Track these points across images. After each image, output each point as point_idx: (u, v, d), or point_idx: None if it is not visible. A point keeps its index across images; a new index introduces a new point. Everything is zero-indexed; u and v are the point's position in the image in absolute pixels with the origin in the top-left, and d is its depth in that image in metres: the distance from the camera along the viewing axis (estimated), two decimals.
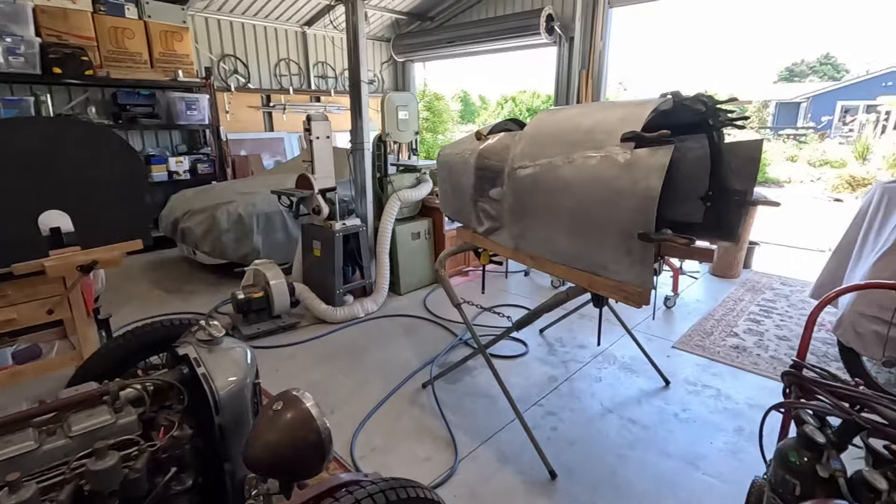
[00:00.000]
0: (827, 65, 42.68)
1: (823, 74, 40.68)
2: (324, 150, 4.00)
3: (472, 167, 2.75)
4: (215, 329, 1.55)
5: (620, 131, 1.91)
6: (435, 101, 13.77)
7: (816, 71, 42.14)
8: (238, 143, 7.40)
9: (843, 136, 20.68)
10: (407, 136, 4.57)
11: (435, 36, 8.09)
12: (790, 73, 43.44)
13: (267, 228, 4.90)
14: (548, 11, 6.56)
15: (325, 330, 3.90)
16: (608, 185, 1.90)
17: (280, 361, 3.42)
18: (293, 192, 3.99)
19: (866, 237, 3.15)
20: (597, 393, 3.01)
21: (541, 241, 2.32)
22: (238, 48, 7.31)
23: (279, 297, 3.83)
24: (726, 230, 2.52)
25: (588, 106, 2.24)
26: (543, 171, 2.19)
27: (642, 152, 1.80)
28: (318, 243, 4.13)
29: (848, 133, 21.41)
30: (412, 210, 4.85)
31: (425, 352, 3.53)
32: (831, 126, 23.60)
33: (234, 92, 7.18)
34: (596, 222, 1.98)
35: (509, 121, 2.93)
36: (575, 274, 2.20)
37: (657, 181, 1.73)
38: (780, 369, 3.23)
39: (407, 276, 4.69)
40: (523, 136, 2.41)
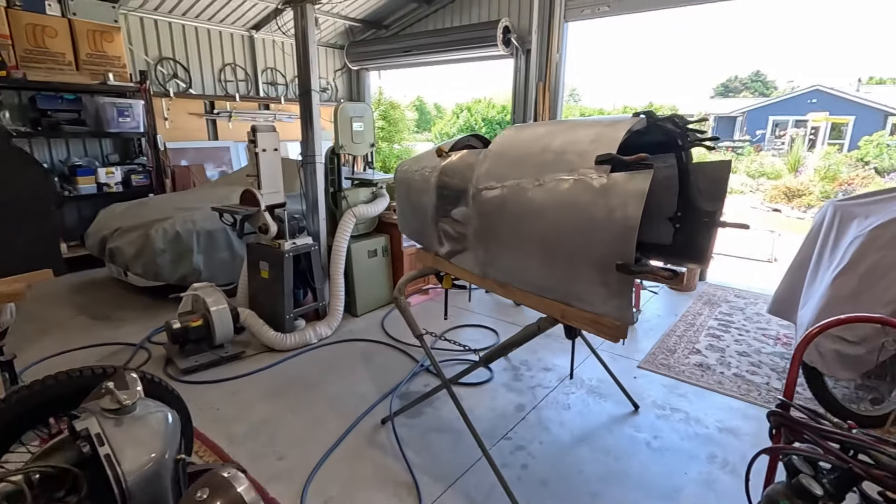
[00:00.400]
0: (758, 82, 45.72)
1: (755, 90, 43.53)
2: (271, 163, 3.70)
3: (433, 186, 2.57)
4: (126, 394, 1.26)
5: (594, 153, 1.78)
6: (391, 109, 13.54)
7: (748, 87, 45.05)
8: (179, 153, 6.89)
9: (775, 149, 22.08)
10: (362, 149, 4.34)
11: (390, 45, 7.89)
12: (725, 88, 46.22)
13: (209, 247, 4.51)
14: (504, 23, 6.52)
15: (273, 359, 3.57)
16: (582, 212, 1.75)
17: (222, 398, 3.08)
18: (237, 210, 3.65)
19: (821, 254, 3.20)
20: (566, 421, 2.87)
21: (509, 269, 2.15)
22: (178, 51, 6.82)
23: (221, 325, 3.48)
24: (696, 252, 2.45)
25: (556, 124, 2.10)
26: (511, 193, 2.03)
27: (619, 177, 1.67)
28: (266, 264, 3.80)
29: (780, 146, 22.88)
30: (368, 226, 4.60)
31: (384, 381, 3.29)
32: (765, 139, 25.20)
33: (174, 98, 6.68)
34: (569, 251, 1.83)
35: (471, 136, 2.77)
36: (546, 304, 2.05)
37: (636, 209, 1.60)
38: (744, 388, 3.23)
39: (363, 296, 4.43)
40: (488, 154, 2.25)
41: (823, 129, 20.32)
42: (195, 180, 6.85)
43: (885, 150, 15.45)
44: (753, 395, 3.13)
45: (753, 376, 3.36)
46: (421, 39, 7.49)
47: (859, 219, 3.04)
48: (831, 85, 23.53)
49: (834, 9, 55.20)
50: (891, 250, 2.76)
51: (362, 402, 3.02)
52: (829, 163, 13.39)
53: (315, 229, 4.08)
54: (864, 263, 2.80)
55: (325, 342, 3.87)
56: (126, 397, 1.24)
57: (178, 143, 6.84)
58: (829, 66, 52.30)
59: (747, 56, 56.89)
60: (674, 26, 67.92)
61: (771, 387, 3.22)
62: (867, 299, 2.74)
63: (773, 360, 3.59)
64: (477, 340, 3.95)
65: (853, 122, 20.54)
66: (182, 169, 6.79)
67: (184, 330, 3.37)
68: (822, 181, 12.50)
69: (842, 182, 12.38)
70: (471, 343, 3.88)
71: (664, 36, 68.35)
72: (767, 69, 50.30)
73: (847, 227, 3.08)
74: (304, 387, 3.22)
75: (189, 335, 3.40)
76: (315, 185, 4.00)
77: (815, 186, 12.19)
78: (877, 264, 2.77)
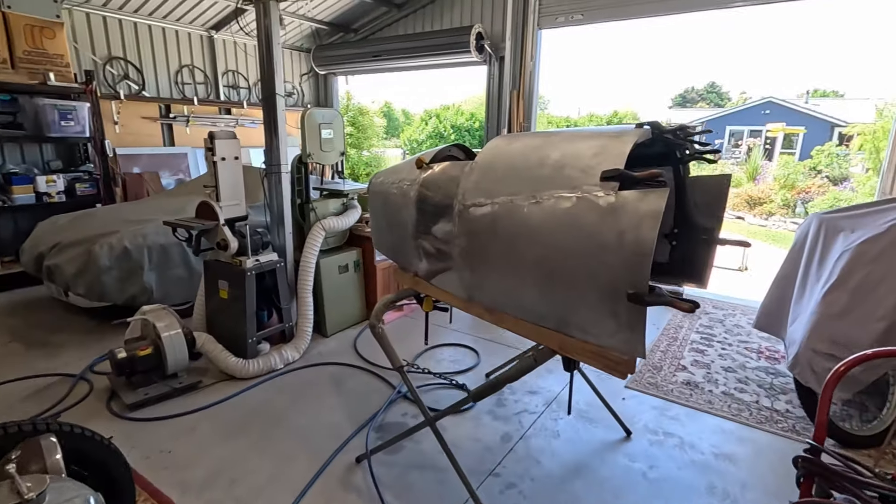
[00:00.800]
0: (713, 93, 47.62)
1: (710, 101, 45.29)
2: (231, 172, 3.39)
3: (412, 200, 2.34)
4: (32, 481, 0.98)
5: (598, 168, 1.60)
6: (359, 115, 13.23)
7: (704, 98, 46.84)
8: (131, 159, 6.40)
9: (734, 158, 22.90)
10: (332, 157, 4.06)
11: (359, 49, 7.63)
12: (683, 98, 47.93)
13: (162, 263, 4.12)
14: (477, 30, 6.38)
15: (235, 388, 3.24)
16: (587, 234, 1.56)
17: (174, 437, 2.74)
18: (192, 224, 3.31)
19: (808, 268, 3.15)
20: (557, 452, 2.67)
21: (501, 294, 1.94)
22: (130, 50, 6.35)
23: (174, 353, 3.13)
24: (693, 271, 2.31)
25: (551, 134, 1.92)
26: (504, 211, 1.83)
27: (629, 195, 1.49)
28: (226, 283, 3.47)
29: (737, 155, 23.76)
30: (339, 240, 4.32)
31: (358, 410, 3.02)
32: (722, 148, 26.15)
33: (125, 100, 6.21)
34: (571, 276, 1.64)
35: (454, 146, 2.56)
36: (543, 333, 1.84)
37: (651, 232, 1.42)
38: (735, 407, 3.12)
39: (334, 314, 4.14)
40: (475, 167, 2.04)
41: (779, 139, 21.22)
42: (149, 189, 6.38)
43: (836, 159, 16.21)
44: (745, 415, 3.03)
45: (742, 394, 3.26)
46: (391, 44, 7.27)
47: (845, 232, 2.99)
48: (782, 97, 24.72)
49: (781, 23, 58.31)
50: (878, 265, 2.71)
51: (335, 437, 2.74)
52: (787, 172, 13.90)
53: (281, 244, 3.78)
54: (853, 279, 2.74)
55: (292, 367, 3.55)
56: (30, 487, 0.95)
57: (129, 148, 6.36)
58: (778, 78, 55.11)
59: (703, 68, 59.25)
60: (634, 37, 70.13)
61: (761, 405, 3.13)
62: (858, 316, 2.67)
63: (759, 376, 3.52)
64: (457, 361, 3.72)
65: (804, 133, 21.55)
66: (134, 177, 6.31)
67: (130, 360, 3.00)
68: (782, 189, 12.94)
69: (800, 190, 12.86)
70: (451, 365, 3.66)
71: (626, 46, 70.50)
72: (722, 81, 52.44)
73: (833, 241, 3.03)
74: (269, 420, 2.91)
75: (136, 365, 3.04)
76: (280, 196, 3.70)
77: (775, 194, 12.60)
78: (866, 280, 2.71)
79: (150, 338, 3.19)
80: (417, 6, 7.31)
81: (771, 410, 3.07)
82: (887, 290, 2.64)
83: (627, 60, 68.09)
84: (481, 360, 3.72)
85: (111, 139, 6.00)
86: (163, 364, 3.11)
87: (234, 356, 3.38)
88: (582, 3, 5.95)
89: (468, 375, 3.51)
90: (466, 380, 3.44)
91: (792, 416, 3.00)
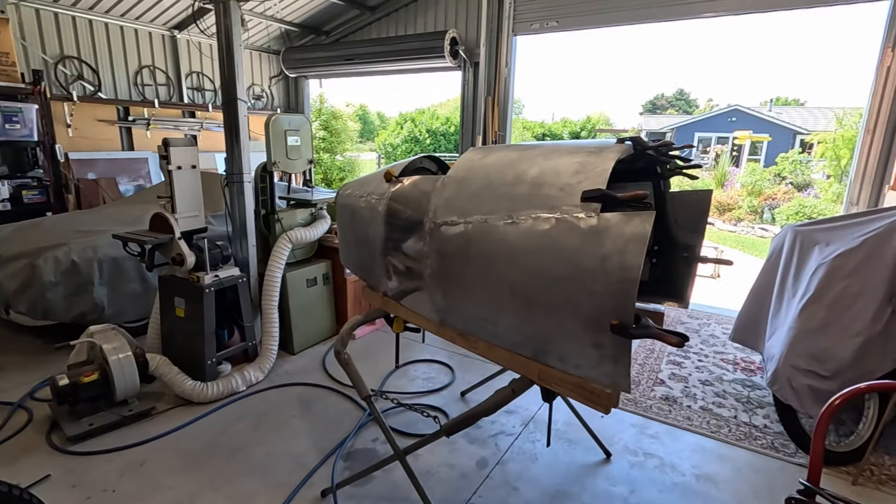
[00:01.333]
0: (682, 100, 48.92)
1: (679, 108, 46.48)
2: (188, 182, 3.16)
3: (381, 216, 2.19)
4: None
5: (578, 187, 1.48)
6: (332, 119, 12.97)
7: (674, 105, 48.06)
8: (85, 165, 6.04)
9: (703, 164, 23.48)
10: (299, 165, 3.87)
11: (330, 52, 7.44)
12: (653, 105, 49.08)
13: (115, 278, 3.83)
14: (452, 34, 6.27)
15: (191, 415, 3.01)
16: (567, 258, 1.45)
17: (121, 473, 2.50)
18: (144, 238, 3.07)
19: (784, 281, 3.12)
20: (535, 477, 2.55)
21: (475, 319, 1.81)
22: (84, 50, 6.00)
23: (124, 378, 2.88)
24: (674, 290, 2.23)
25: (528, 148, 1.80)
26: (477, 231, 1.69)
27: (613, 218, 1.37)
28: (182, 301, 3.24)
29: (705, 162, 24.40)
30: (307, 252, 4.12)
31: (325, 436, 2.83)
32: (692, 154, 26.81)
33: (79, 102, 5.85)
34: (550, 303, 1.51)
35: (425, 158, 2.42)
36: (520, 362, 1.72)
37: (636, 258, 1.31)
38: (714, 423, 3.07)
39: (302, 331, 3.93)
40: (448, 182, 1.91)
41: (746, 146, 21.86)
42: (105, 196, 6.03)
43: (799, 166, 16.76)
44: (724, 431, 2.97)
45: (720, 409, 3.22)
46: (364, 48, 7.10)
47: (820, 245, 2.98)
48: (747, 105, 25.54)
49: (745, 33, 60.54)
50: (854, 279, 2.69)
51: (299, 468, 2.56)
52: (754, 179, 14.27)
53: (243, 257, 3.56)
54: (830, 294, 2.72)
55: (255, 389, 3.34)
56: None
57: (84, 153, 6.01)
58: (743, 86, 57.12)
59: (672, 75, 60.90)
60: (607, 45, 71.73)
61: (739, 421, 3.08)
62: (836, 331, 2.65)
63: (737, 389, 3.48)
64: (431, 379, 3.57)
65: (768, 141, 22.27)
66: (89, 183, 5.96)
67: (73, 387, 2.75)
68: (750, 196, 13.27)
69: (766, 197, 13.20)
70: (425, 384, 3.51)
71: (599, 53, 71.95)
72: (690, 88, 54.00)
73: (809, 254, 3.01)
74: (227, 450, 2.70)
75: (80, 393, 2.78)
76: (243, 206, 3.49)
77: (743, 201, 12.90)
78: (842, 294, 2.69)
79: (96, 362, 2.93)
80: (391, 9, 7.17)
81: (749, 426, 3.03)
82: (863, 304, 2.62)
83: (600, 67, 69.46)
84: (456, 378, 3.58)
85: (63, 143, 5.66)
86: (111, 390, 2.86)
87: (192, 379, 3.15)
88: (556, 11, 5.92)
89: (443, 394, 3.37)
90: (441, 399, 3.30)
91: (770, 432, 2.96)
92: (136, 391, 2.98)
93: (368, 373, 3.63)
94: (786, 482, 2.55)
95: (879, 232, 2.68)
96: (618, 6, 5.53)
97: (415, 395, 3.32)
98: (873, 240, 2.68)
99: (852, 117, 13.56)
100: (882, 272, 2.60)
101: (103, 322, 3.72)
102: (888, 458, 2.71)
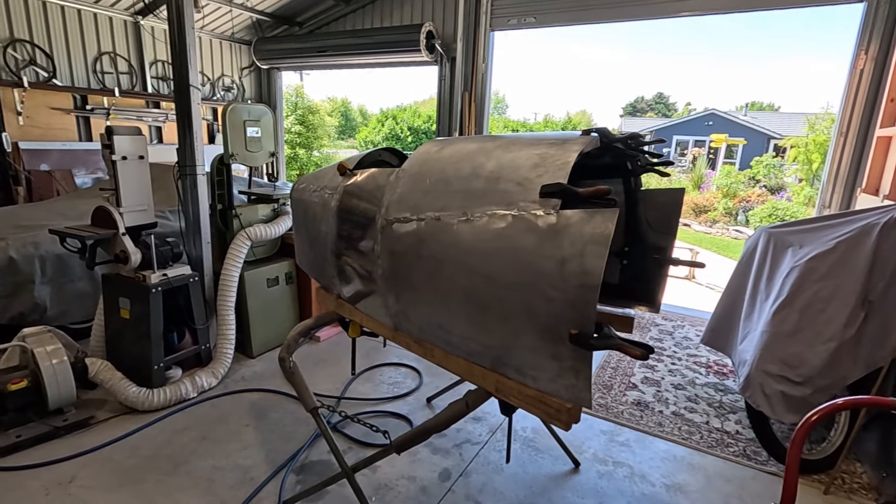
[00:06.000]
0: (661, 103, 49.61)
1: (658, 111, 47.11)
2: (134, 174, 2.94)
3: (333, 211, 2.03)
4: None
5: (537, 181, 1.35)
6: (309, 114, 12.67)
7: (653, 108, 48.71)
8: (38, 155, 5.69)
9: (680, 167, 23.80)
10: (259, 158, 3.66)
11: (304, 43, 7.20)
12: (633, 108, 49.68)
13: (59, 276, 3.57)
14: (428, 28, 6.10)
15: (135, 424, 2.80)
16: (523, 260, 1.31)
17: (47, 490, 2.28)
18: (84, 234, 2.84)
19: (757, 283, 3.06)
20: (500, 490, 2.42)
21: (429, 325, 1.66)
22: (38, 33, 5.65)
23: (57, 385, 2.65)
24: (645, 293, 2.12)
25: (487, 140, 1.66)
26: (430, 229, 1.55)
27: (573, 215, 1.24)
28: (127, 301, 3.02)
29: (683, 164, 24.73)
30: (269, 249, 3.91)
31: (278, 448, 2.65)
32: (670, 157, 27.18)
33: (30, 88, 5.51)
34: (505, 310, 1.37)
35: (385, 150, 2.26)
36: (476, 372, 1.58)
37: (598, 260, 1.18)
38: (685, 429, 2.98)
39: (261, 333, 3.73)
40: (402, 175, 1.75)
41: (722, 149, 22.20)
42: (59, 189, 5.70)
43: (772, 170, 17.08)
44: (695, 438, 2.89)
45: (692, 414, 3.14)
46: (338, 39, 6.89)
47: (794, 248, 2.91)
48: (724, 109, 26.01)
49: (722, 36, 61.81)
50: (827, 282, 2.63)
51: (246, 483, 2.37)
52: (729, 181, 14.46)
53: (197, 255, 3.35)
54: (802, 297, 2.65)
55: (207, 395, 3.14)
56: None
57: (36, 143, 5.65)
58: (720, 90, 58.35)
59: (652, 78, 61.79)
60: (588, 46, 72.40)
61: (711, 427, 3.01)
62: (808, 336, 2.58)
63: (709, 393, 3.41)
64: (397, 384, 3.41)
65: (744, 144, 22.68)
66: (42, 175, 5.62)
67: None
68: (725, 198, 13.43)
69: (741, 199, 13.38)
70: (389, 389, 3.35)
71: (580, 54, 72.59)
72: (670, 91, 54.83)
73: (782, 256, 2.95)
74: (169, 464, 2.50)
75: (8, 402, 2.55)
76: (196, 201, 3.27)
77: (718, 203, 13.05)
78: (815, 298, 2.62)
79: (29, 367, 2.70)
80: (366, 1, 6.97)
81: (721, 432, 2.95)
82: (836, 309, 2.56)
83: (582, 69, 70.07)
84: (423, 382, 3.43)
85: (13, 132, 5.32)
86: (42, 399, 2.63)
87: (137, 385, 2.93)
88: (534, 6, 5.80)
89: (408, 400, 3.21)
90: (406, 406, 3.14)
91: (742, 439, 2.89)
92: (72, 399, 2.75)
93: (331, 377, 3.45)
94: (757, 491, 2.47)
95: (852, 234, 2.62)
96: (594, 4, 5.44)
97: (378, 402, 3.16)
98: (846, 242, 2.62)
99: (824, 122, 13.84)
100: (855, 276, 2.53)
101: (46, 323, 3.48)
102: (859, 466, 2.66)
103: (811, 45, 55.84)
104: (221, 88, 7.83)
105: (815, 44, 55.16)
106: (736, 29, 62.17)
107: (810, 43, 55.52)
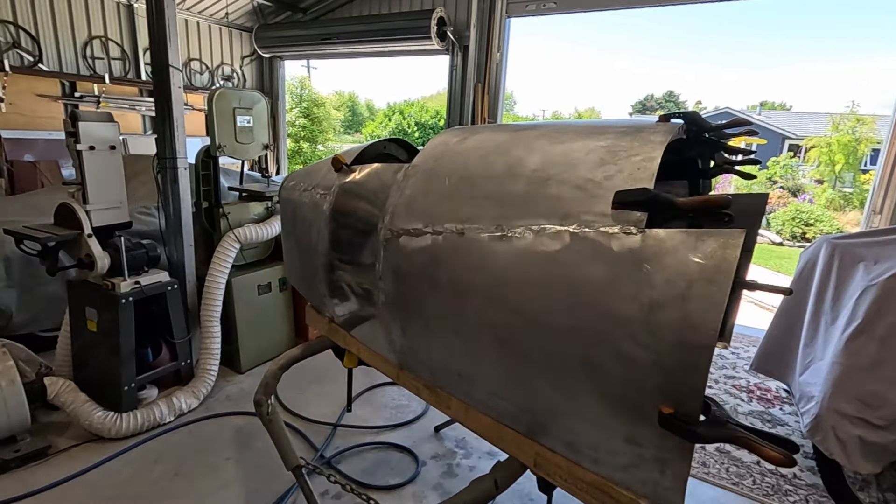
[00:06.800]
0: (671, 102, 48.82)
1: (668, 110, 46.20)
2: (104, 167, 2.56)
3: (325, 215, 1.63)
4: None
5: (608, 185, 0.94)
6: (314, 106, 12.29)
7: (663, 107, 47.91)
8: (22, 145, 5.35)
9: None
10: (251, 151, 3.28)
11: (307, 30, 6.80)
12: (643, 106, 48.94)
13: (28, 278, 3.20)
14: (440, 14, 5.69)
15: (99, 455, 2.42)
16: (588, 299, 0.91)
17: None
18: (43, 234, 2.46)
19: (820, 302, 2.64)
20: None
21: (444, 370, 1.26)
22: (23, 14, 5.29)
23: (6, 410, 2.29)
24: None
25: (524, 128, 1.26)
26: (450, 246, 1.15)
27: (670, 237, 0.84)
28: (94, 312, 2.64)
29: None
30: (261, 252, 3.53)
31: (263, 487, 2.27)
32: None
33: (13, 73, 5.15)
34: (556, 365, 0.98)
35: (390, 142, 1.87)
36: (507, 436, 1.18)
37: (714, 308, 0.78)
38: (734, 471, 2.55)
39: (251, 345, 3.35)
40: (412, 173, 1.35)
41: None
42: (44, 180, 5.34)
43: (790, 171, 16.53)
44: (747, 482, 2.48)
45: (740, 451, 2.73)
46: (344, 26, 6.49)
47: (866, 263, 2.49)
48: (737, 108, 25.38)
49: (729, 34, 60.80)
50: None
51: None
52: (748, 182, 13.94)
53: (179, 259, 2.97)
54: (883, 323, 2.23)
55: (186, 419, 2.76)
56: None
57: (19, 131, 5.31)
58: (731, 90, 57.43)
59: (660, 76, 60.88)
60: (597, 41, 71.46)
61: (763, 468, 2.60)
62: (891, 370, 2.16)
63: (755, 424, 3.00)
64: (401, 407, 3.03)
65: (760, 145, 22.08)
66: (26, 166, 5.27)
67: None
68: None
69: None
70: (392, 413, 2.96)
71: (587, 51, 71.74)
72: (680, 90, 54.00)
73: (852, 272, 2.52)
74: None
75: None
76: (178, 197, 2.89)
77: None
78: None
79: None
80: None
81: (776, 475, 2.54)
82: None
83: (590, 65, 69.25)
84: (428, 409, 3.04)
85: None
86: None
87: (104, 409, 2.56)
88: None
89: (412, 428, 2.83)
90: (410, 435, 2.75)
91: (802, 484, 2.48)
92: (26, 425, 2.38)
93: (327, 396, 3.08)
94: None
95: None
96: None
97: (379, 431, 2.78)
98: None
99: (849, 122, 13.31)
100: None
101: (11, 331, 3.13)
102: None
103: (820, 47, 54.81)
104: (221, 77, 7.46)
105: (827, 45, 54.14)
106: (743, 30, 61.17)
107: (819, 45, 54.50)
